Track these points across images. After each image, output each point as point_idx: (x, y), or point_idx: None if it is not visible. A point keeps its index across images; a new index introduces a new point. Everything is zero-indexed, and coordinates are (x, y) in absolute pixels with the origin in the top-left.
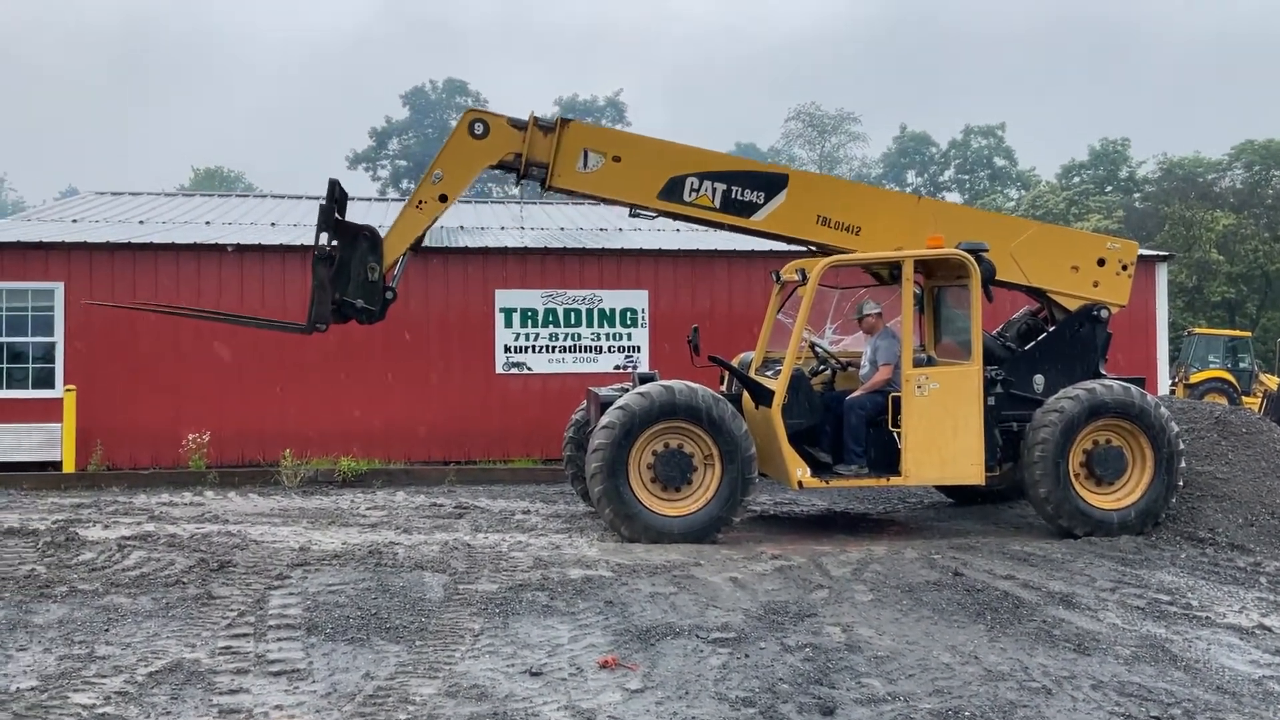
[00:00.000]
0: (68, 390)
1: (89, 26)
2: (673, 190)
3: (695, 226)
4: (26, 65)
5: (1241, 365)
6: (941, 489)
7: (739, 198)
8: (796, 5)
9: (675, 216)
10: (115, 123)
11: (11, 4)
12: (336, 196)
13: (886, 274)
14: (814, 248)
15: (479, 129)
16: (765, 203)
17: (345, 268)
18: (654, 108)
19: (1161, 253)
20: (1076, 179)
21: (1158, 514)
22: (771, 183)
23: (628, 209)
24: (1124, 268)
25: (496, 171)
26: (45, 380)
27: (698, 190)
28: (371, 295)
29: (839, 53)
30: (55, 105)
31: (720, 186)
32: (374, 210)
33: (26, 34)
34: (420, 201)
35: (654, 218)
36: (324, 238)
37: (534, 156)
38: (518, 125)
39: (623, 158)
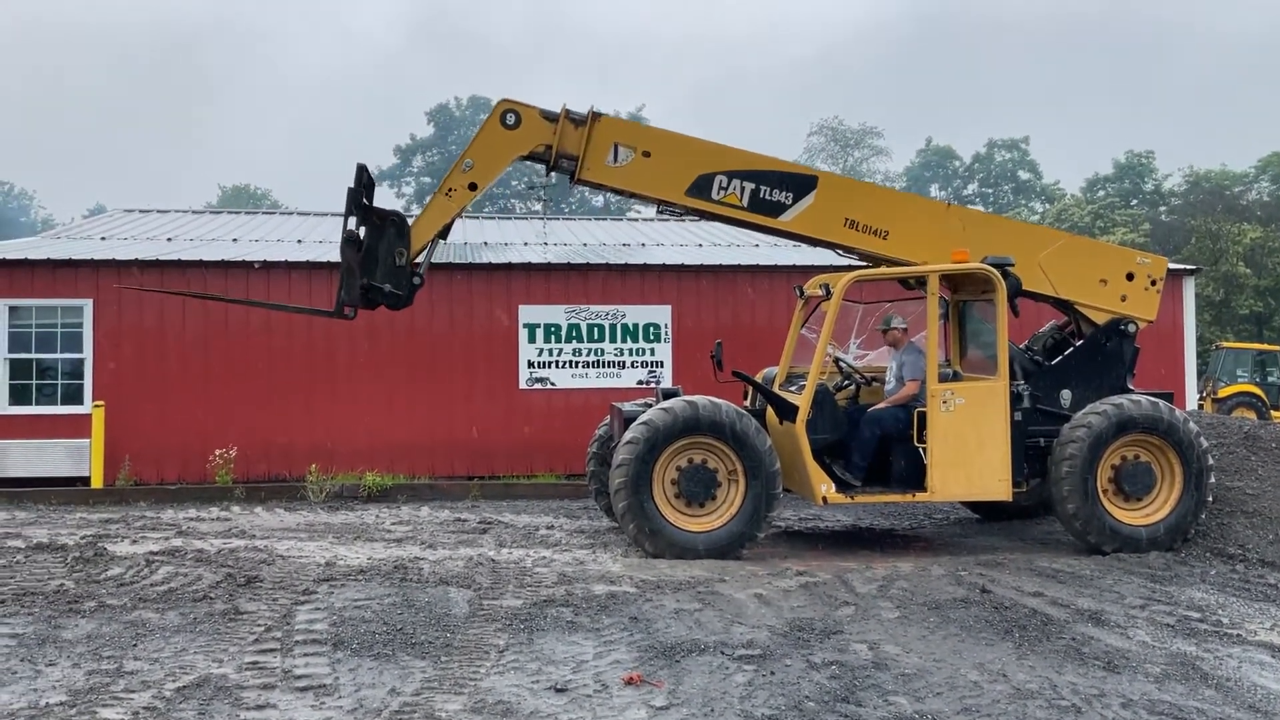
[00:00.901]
0: (96, 406)
1: (119, 45)
2: (701, 188)
3: (718, 241)
4: (56, 83)
5: (1270, 379)
6: (968, 505)
7: (767, 197)
8: (818, 20)
9: (702, 214)
10: (143, 141)
11: (42, 22)
12: (364, 182)
13: (914, 280)
14: (840, 251)
15: (511, 119)
16: (793, 203)
17: (373, 253)
18: (676, 123)
19: (1189, 266)
20: (1101, 192)
21: (1187, 530)
22: (801, 184)
23: (655, 205)
24: (1153, 283)
25: (526, 162)
26: (74, 396)
27: (726, 188)
28: (399, 280)
29: (861, 67)
30: (84, 123)
31: (749, 185)
32: None
33: (56, 51)
34: (450, 189)
35: (681, 215)
36: (352, 222)
37: (564, 149)
38: (549, 117)
39: (652, 153)
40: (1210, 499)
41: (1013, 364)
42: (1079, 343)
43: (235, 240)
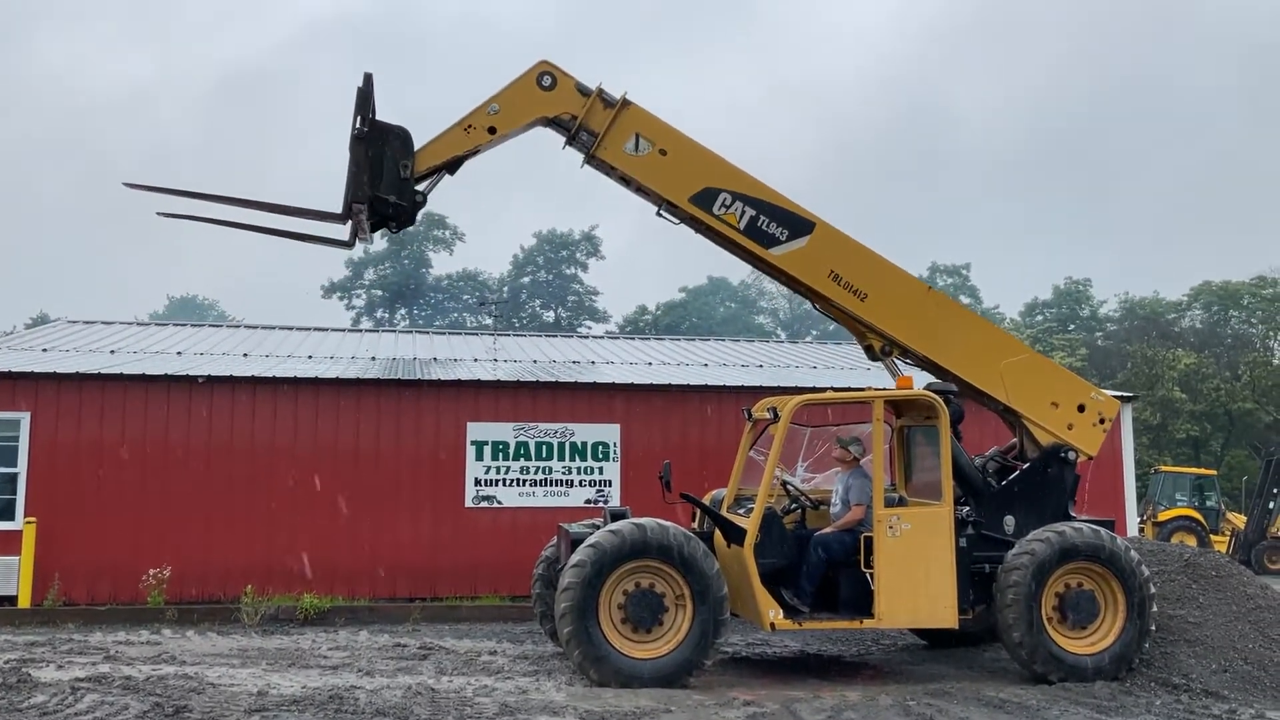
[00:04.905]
0: (28, 523)
1: (66, 153)
2: (705, 199)
3: (668, 360)
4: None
5: (1209, 503)
6: (915, 631)
7: (764, 227)
8: (766, 148)
9: (698, 226)
10: (90, 249)
11: None
12: (371, 89)
13: (879, 347)
14: (817, 306)
15: (547, 81)
16: (787, 240)
17: (379, 163)
18: (627, 240)
19: (1126, 394)
20: (1040, 317)
21: (1131, 659)
22: (798, 225)
23: (657, 205)
24: (1101, 420)
25: (547, 128)
26: (5, 512)
27: (728, 207)
28: (403, 192)
29: (807, 190)
30: (28, 230)
31: (750, 211)
32: (347, 340)
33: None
34: (469, 125)
35: (677, 223)
36: (359, 121)
37: (588, 124)
38: (583, 91)
39: (669, 152)
40: (1153, 628)
41: (969, 479)
42: (1023, 467)
43: (179, 353)
